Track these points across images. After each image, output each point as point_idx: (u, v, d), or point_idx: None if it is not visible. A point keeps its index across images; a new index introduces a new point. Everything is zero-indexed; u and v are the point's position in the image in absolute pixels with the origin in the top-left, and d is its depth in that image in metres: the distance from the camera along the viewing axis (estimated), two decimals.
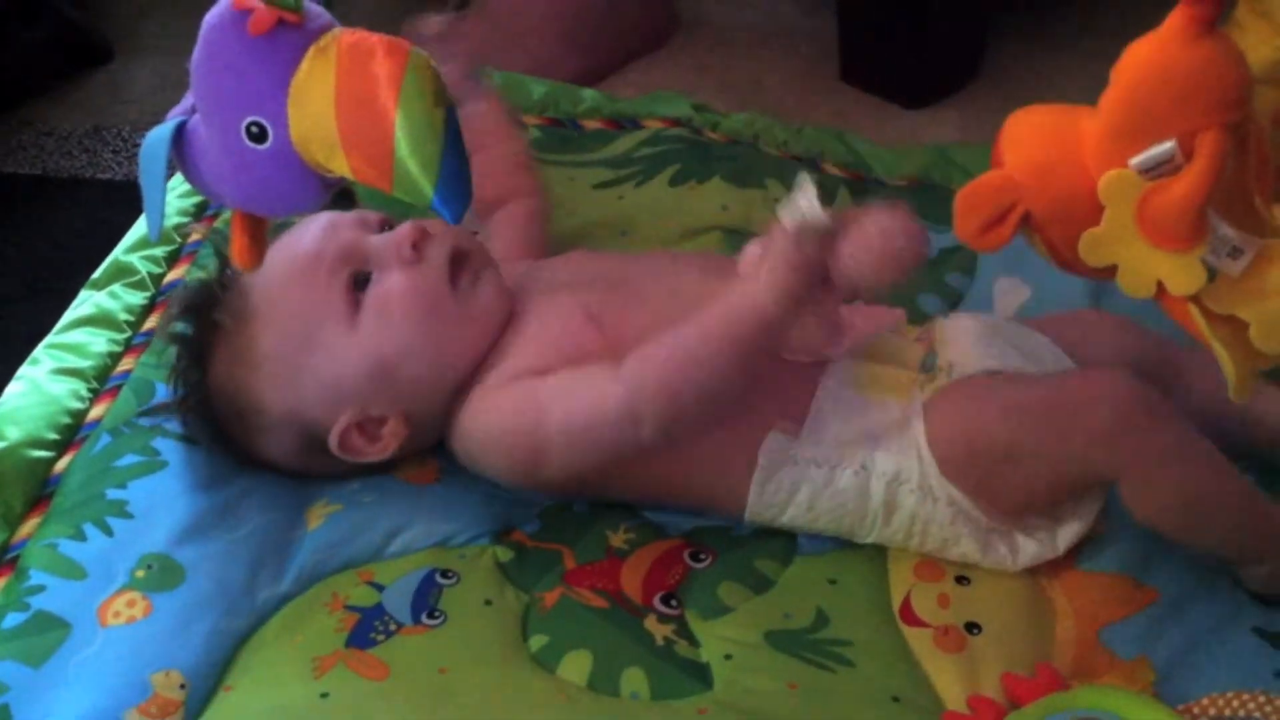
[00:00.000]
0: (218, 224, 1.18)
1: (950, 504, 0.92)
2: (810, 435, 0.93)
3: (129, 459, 0.98)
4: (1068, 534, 0.93)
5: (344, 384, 0.94)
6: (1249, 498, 0.90)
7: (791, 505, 0.94)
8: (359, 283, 0.95)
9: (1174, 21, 0.68)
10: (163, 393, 1.02)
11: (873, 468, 0.93)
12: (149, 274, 1.14)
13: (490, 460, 0.95)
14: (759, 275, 0.86)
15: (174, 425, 1.00)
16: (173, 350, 0.99)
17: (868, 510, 0.93)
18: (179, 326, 0.98)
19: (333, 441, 0.95)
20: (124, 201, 1.18)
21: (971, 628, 0.90)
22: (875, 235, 0.83)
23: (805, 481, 0.93)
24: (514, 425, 0.93)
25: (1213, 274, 0.70)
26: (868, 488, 0.93)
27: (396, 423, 0.95)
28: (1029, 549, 0.93)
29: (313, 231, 0.97)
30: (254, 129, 0.76)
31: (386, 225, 0.98)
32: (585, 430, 0.91)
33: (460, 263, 0.97)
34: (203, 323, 0.97)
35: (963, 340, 0.96)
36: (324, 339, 0.94)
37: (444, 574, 0.92)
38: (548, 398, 0.91)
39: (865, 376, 0.94)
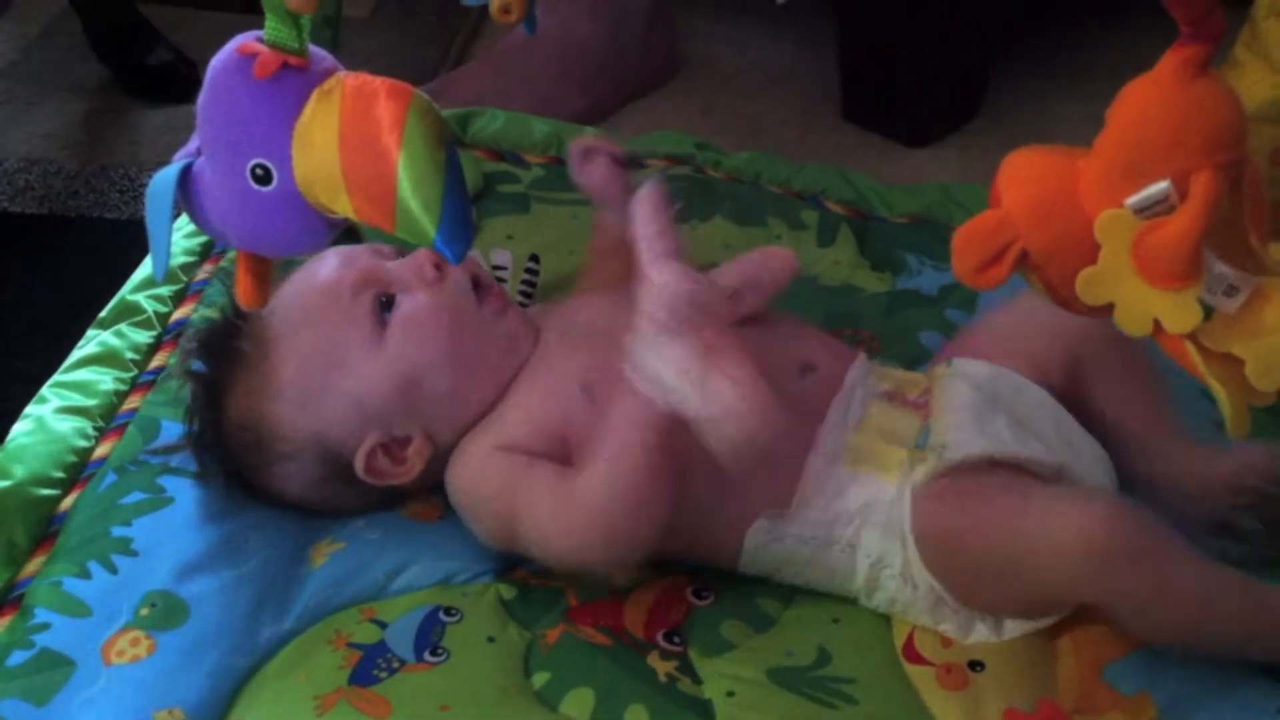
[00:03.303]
0: (223, 263, 1.18)
1: (931, 592, 0.91)
2: (797, 514, 0.93)
3: (134, 496, 0.98)
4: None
5: (370, 404, 0.94)
6: (1253, 608, 0.87)
7: (780, 574, 0.95)
8: (383, 305, 0.96)
9: (1169, 63, 0.69)
10: (168, 430, 1.03)
11: (859, 546, 0.92)
12: (155, 313, 1.14)
13: (472, 523, 0.95)
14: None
15: (180, 462, 1.00)
16: (188, 386, 0.99)
17: (852, 586, 0.94)
18: (196, 361, 0.99)
19: (359, 463, 0.95)
20: (130, 241, 1.19)
21: (974, 665, 0.90)
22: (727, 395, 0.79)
23: (792, 558, 0.94)
24: (493, 508, 0.93)
25: (1209, 312, 0.70)
26: (853, 565, 0.93)
27: (421, 442, 0.96)
28: (1017, 628, 0.92)
29: (331, 260, 0.98)
30: (259, 171, 0.77)
31: (399, 255, 1.00)
32: (547, 553, 0.92)
33: (480, 288, 0.98)
34: (222, 353, 0.97)
35: (956, 414, 0.94)
36: (351, 360, 0.95)
37: (447, 611, 0.92)
38: (517, 503, 0.91)
39: (857, 451, 0.93)
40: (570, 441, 0.93)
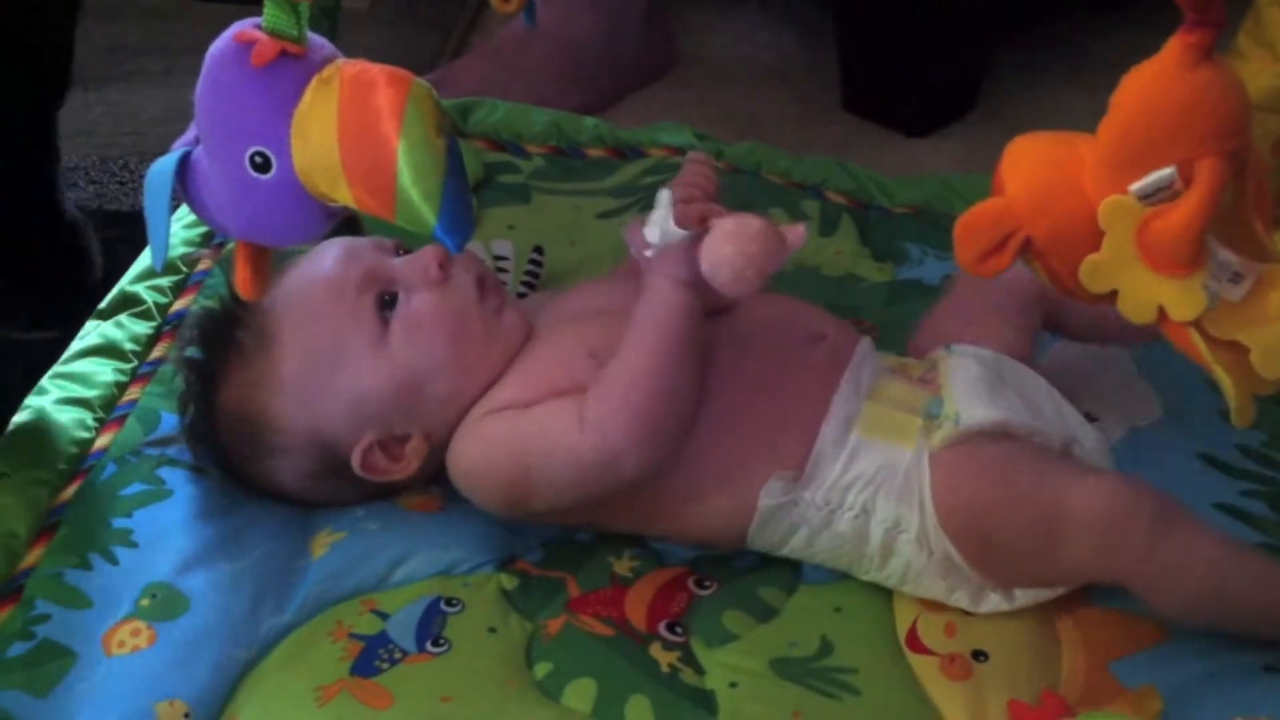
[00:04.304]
0: (225, 253, 1.18)
1: (945, 558, 0.91)
2: (811, 478, 0.93)
3: (134, 488, 0.98)
4: None
5: (370, 403, 0.94)
6: (1269, 583, 0.88)
7: (789, 544, 0.95)
8: (384, 304, 0.95)
9: (1172, 49, 0.69)
10: (168, 422, 1.03)
11: (873, 512, 0.92)
12: (155, 304, 1.14)
13: (478, 494, 0.95)
14: (656, 279, 0.90)
15: (179, 454, 1.00)
16: (184, 375, 0.99)
17: (865, 553, 0.93)
18: (193, 349, 0.99)
19: (355, 460, 0.95)
20: (130, 233, 1.19)
21: (978, 655, 0.90)
22: (727, 248, 0.85)
23: (804, 524, 0.93)
24: (497, 462, 0.93)
25: (1213, 299, 0.70)
26: (866, 531, 0.92)
27: (419, 440, 0.96)
28: (1025, 596, 0.92)
29: (334, 254, 0.98)
30: (257, 159, 0.77)
31: (401, 250, 0.99)
32: (568, 478, 0.91)
33: (483, 285, 0.98)
34: (220, 342, 0.97)
35: (968, 385, 0.94)
36: (352, 358, 0.94)
37: (448, 602, 0.92)
38: (527, 441, 0.92)
39: (869, 419, 0.93)
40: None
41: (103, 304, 1.15)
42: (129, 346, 1.10)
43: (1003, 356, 0.98)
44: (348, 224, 0.92)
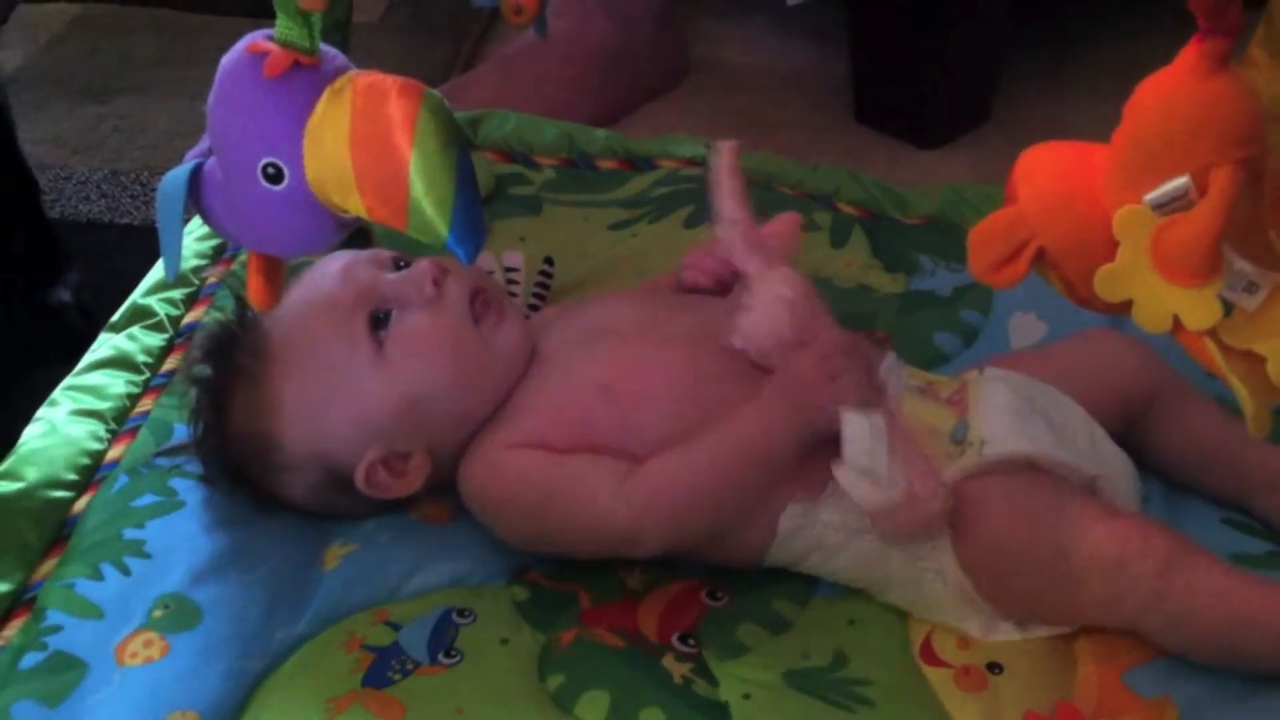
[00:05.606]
0: (235, 266, 1.18)
1: (961, 591, 0.91)
2: (831, 500, 0.92)
3: (147, 499, 0.98)
4: None
5: (369, 422, 0.94)
6: None
7: (806, 562, 0.94)
8: (378, 322, 0.95)
9: (1186, 58, 0.68)
10: (180, 433, 1.03)
11: None
12: (167, 316, 1.14)
13: (493, 524, 0.95)
14: (780, 412, 0.90)
15: (192, 465, 1.00)
16: (194, 392, 0.99)
17: (880, 576, 0.93)
18: (200, 369, 0.99)
19: (359, 478, 0.95)
20: (142, 246, 1.19)
21: (993, 667, 0.90)
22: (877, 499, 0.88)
23: (821, 546, 0.93)
24: (518, 501, 0.93)
25: (1229, 309, 0.70)
26: (884, 555, 0.92)
27: (421, 457, 0.95)
28: (1038, 629, 0.92)
29: (329, 272, 0.97)
30: (270, 170, 0.77)
31: (401, 263, 0.99)
32: (585, 536, 0.92)
33: (479, 300, 0.97)
34: (223, 364, 0.97)
35: (997, 412, 0.93)
36: (348, 379, 0.94)
37: (461, 613, 0.92)
38: (554, 491, 0.91)
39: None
40: (593, 441, 0.92)
41: (115, 316, 1.15)
42: (141, 359, 1.11)
43: (1035, 381, 0.97)
44: (359, 234, 0.92)
